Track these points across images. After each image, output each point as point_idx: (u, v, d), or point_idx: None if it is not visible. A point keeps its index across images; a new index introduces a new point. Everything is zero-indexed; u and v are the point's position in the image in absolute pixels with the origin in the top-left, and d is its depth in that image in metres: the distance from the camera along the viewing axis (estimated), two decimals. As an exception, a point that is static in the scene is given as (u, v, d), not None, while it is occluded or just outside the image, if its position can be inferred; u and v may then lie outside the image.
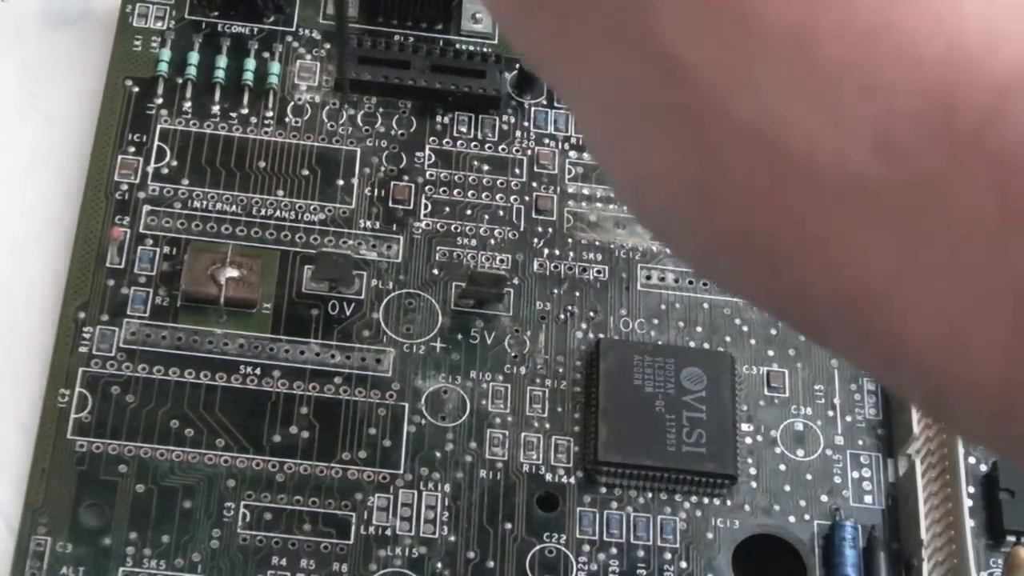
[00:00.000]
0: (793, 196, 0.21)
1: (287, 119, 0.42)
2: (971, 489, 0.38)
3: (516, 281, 0.40)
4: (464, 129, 0.43)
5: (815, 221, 0.21)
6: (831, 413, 0.40)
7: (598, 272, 0.41)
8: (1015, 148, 0.19)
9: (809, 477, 0.39)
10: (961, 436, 0.35)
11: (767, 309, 0.26)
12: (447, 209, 0.41)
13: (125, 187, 0.40)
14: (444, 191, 0.42)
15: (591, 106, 0.24)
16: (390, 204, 0.41)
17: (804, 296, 0.22)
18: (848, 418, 0.40)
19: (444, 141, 0.42)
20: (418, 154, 0.42)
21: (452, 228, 0.41)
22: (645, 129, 0.23)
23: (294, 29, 0.43)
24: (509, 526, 0.37)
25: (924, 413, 0.37)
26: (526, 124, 0.43)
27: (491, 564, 0.37)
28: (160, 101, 0.42)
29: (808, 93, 0.20)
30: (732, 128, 0.21)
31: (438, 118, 0.43)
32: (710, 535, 0.38)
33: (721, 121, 0.21)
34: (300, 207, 0.41)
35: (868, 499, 0.39)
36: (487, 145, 0.42)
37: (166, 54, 0.42)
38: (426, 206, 0.41)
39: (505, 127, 0.43)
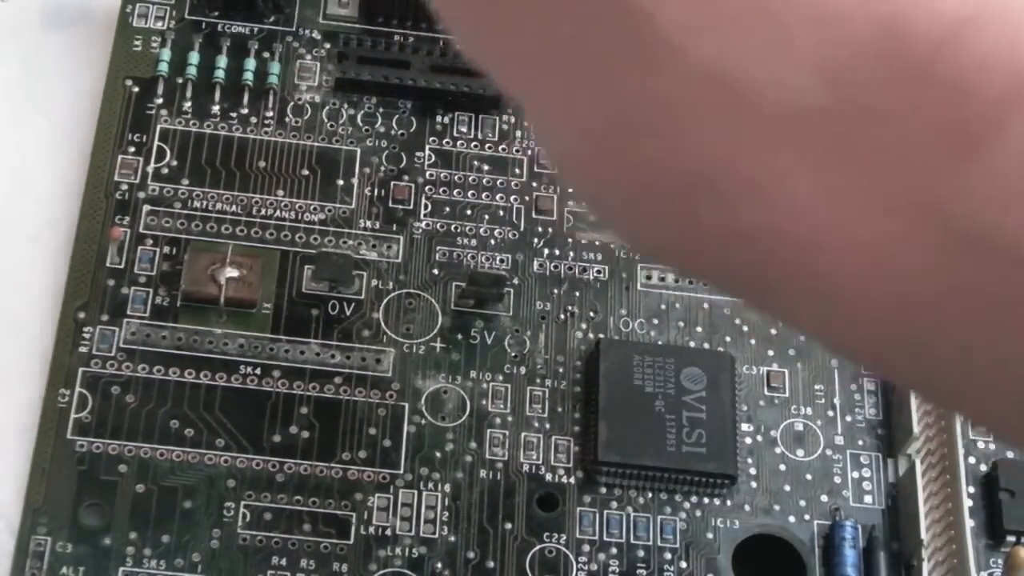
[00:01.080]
0: (734, 130, 0.21)
1: (287, 119, 0.42)
2: (971, 489, 0.38)
3: (516, 281, 0.40)
4: (464, 129, 0.43)
5: (753, 155, 0.21)
6: (831, 413, 0.40)
7: (598, 272, 0.41)
8: (968, 75, 0.19)
9: (809, 477, 0.39)
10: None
11: (679, 259, 0.25)
12: (447, 209, 0.41)
13: (125, 187, 0.40)
14: (444, 191, 0.42)
15: (526, 50, 0.24)
16: (390, 204, 0.41)
17: (725, 240, 0.22)
18: (848, 418, 0.40)
19: (444, 141, 0.42)
20: (418, 154, 0.42)
21: (452, 228, 0.41)
22: (586, 68, 0.22)
23: (294, 29, 0.43)
24: (509, 526, 0.37)
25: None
26: (526, 124, 0.43)
27: (491, 564, 0.37)
28: (160, 101, 0.42)
29: (760, 24, 0.20)
30: (686, 66, 0.21)
31: (438, 118, 0.43)
32: (710, 535, 0.38)
33: (675, 60, 0.21)
34: (300, 207, 0.41)
35: (868, 499, 0.39)
36: (487, 145, 0.42)
37: (166, 54, 0.42)
38: (426, 206, 0.41)
39: (505, 127, 0.43)
